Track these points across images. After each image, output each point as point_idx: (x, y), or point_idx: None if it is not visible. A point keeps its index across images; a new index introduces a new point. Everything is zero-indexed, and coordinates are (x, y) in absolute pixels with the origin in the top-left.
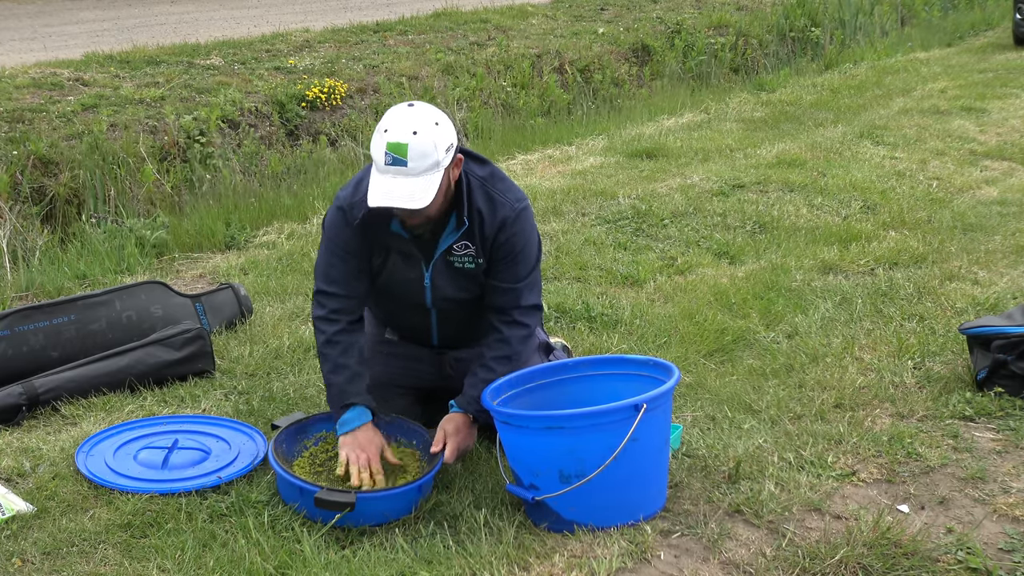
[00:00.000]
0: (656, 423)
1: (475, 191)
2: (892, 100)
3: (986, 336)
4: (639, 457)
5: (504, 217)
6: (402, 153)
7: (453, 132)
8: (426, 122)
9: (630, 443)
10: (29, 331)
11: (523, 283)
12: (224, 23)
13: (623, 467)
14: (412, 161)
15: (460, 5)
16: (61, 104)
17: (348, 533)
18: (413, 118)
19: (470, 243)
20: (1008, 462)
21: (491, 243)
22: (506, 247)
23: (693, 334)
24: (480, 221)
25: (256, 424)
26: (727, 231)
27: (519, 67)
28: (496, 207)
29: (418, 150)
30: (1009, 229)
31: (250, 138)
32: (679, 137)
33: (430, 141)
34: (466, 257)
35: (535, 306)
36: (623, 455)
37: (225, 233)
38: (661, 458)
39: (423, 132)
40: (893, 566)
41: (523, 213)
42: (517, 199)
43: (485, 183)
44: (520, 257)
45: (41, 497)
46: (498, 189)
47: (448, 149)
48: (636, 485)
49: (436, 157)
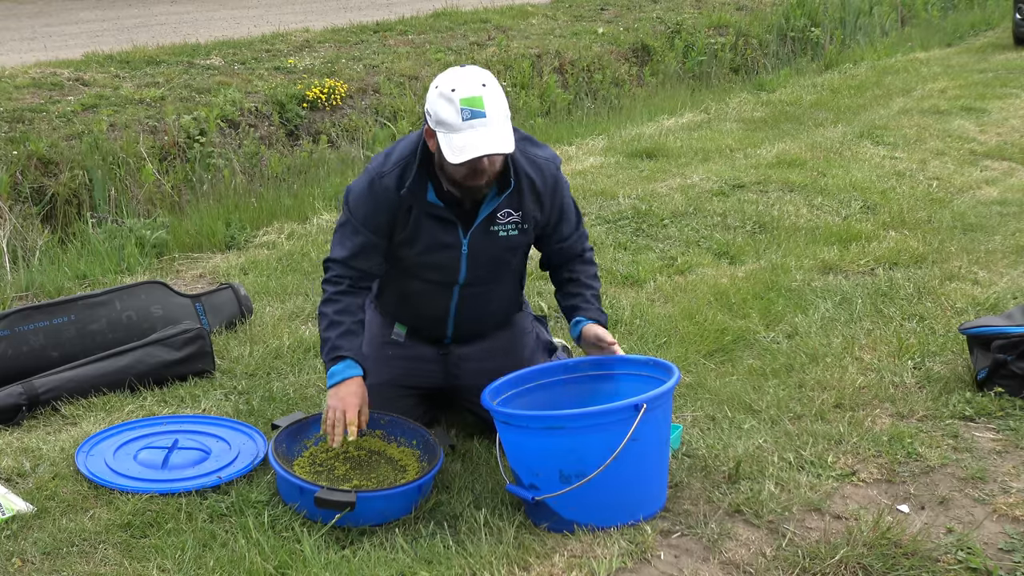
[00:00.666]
0: (656, 422)
1: (519, 160)
2: (892, 100)
3: (986, 336)
4: (639, 457)
5: (553, 176)
6: (479, 105)
7: None
8: (489, 77)
9: (630, 443)
10: (29, 331)
11: (580, 231)
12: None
13: (623, 467)
14: (490, 111)
15: (460, 5)
16: (61, 104)
17: (348, 533)
18: (476, 74)
19: (512, 209)
20: (1008, 462)
21: (548, 206)
22: (559, 204)
23: (693, 334)
24: (531, 186)
25: (256, 424)
26: (727, 231)
27: (519, 67)
28: (543, 170)
29: (492, 100)
30: (1009, 229)
31: (250, 138)
32: (679, 137)
33: (498, 91)
34: (510, 224)
35: (592, 249)
36: (623, 455)
37: (225, 233)
38: (661, 458)
39: (491, 84)
40: (893, 566)
41: (560, 168)
42: (552, 155)
43: (524, 149)
44: (568, 209)
45: (41, 497)
46: (534, 153)
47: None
48: (636, 485)
49: (506, 106)
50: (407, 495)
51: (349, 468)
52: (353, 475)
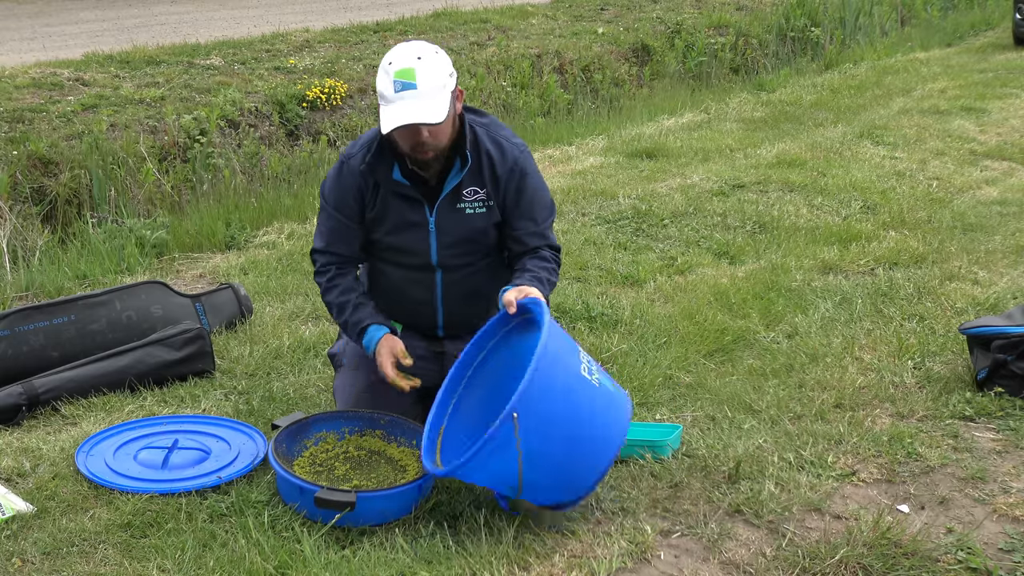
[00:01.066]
0: (546, 400)
1: (481, 136)
2: (892, 100)
3: (986, 336)
4: (552, 436)
5: (515, 158)
6: (410, 77)
7: (451, 64)
8: (428, 49)
9: (528, 437)
10: (29, 331)
11: (545, 224)
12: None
13: (544, 452)
14: (421, 82)
15: (460, 5)
16: (61, 104)
17: (348, 533)
18: (415, 47)
19: (478, 187)
20: (1008, 462)
21: (504, 186)
22: (520, 189)
23: (693, 334)
24: (490, 164)
25: (256, 424)
26: (727, 231)
27: (519, 67)
28: (504, 151)
29: (425, 71)
30: (1009, 229)
31: (250, 138)
32: (679, 137)
33: (433, 65)
34: (476, 202)
35: (559, 248)
36: (534, 446)
37: (225, 233)
38: (577, 414)
39: (427, 56)
40: (893, 566)
41: (529, 154)
42: (520, 142)
43: (489, 129)
44: (536, 197)
45: (41, 497)
46: (503, 135)
47: (451, 75)
48: (567, 461)
49: (443, 79)
50: (407, 495)
51: (349, 468)
52: (353, 475)
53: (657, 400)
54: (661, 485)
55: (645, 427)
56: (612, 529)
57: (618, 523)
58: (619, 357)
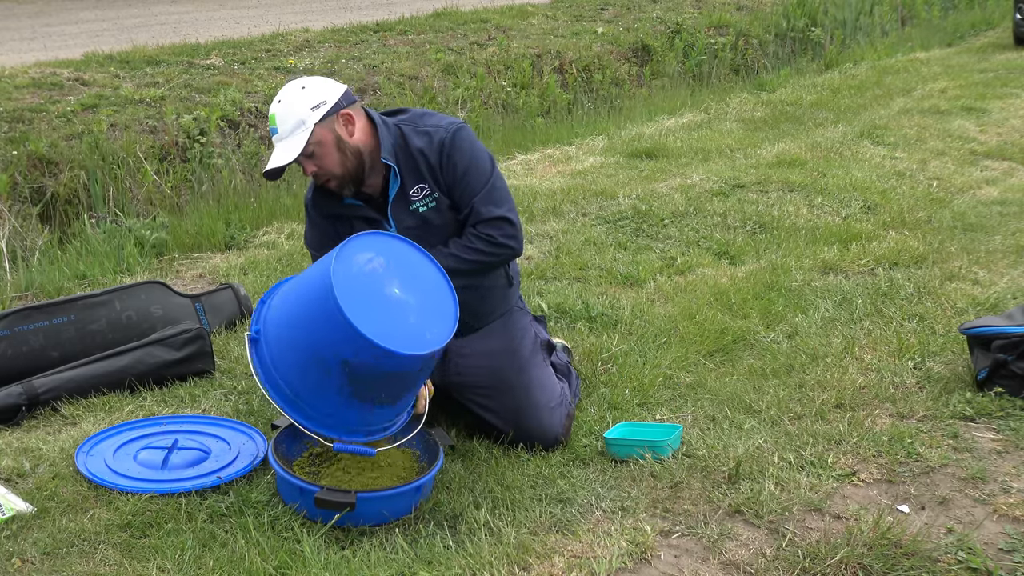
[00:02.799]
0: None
1: (408, 134)
2: (892, 100)
3: (986, 336)
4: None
5: (440, 140)
6: (273, 122)
7: (328, 92)
8: (291, 89)
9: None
10: (29, 331)
11: (479, 196)
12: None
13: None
14: (280, 126)
15: (460, 5)
16: (61, 104)
17: (348, 533)
18: (283, 90)
19: (423, 183)
20: (1008, 462)
21: (439, 171)
22: (451, 169)
23: (693, 334)
24: (423, 156)
25: (256, 424)
26: (727, 231)
27: (519, 67)
28: (431, 137)
29: (281, 115)
30: (1009, 229)
31: (250, 138)
32: (679, 137)
33: (290, 105)
34: (425, 198)
35: (500, 217)
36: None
37: (225, 233)
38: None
39: (286, 99)
40: (893, 566)
41: (459, 132)
42: (449, 123)
43: (414, 122)
44: (469, 173)
45: (41, 497)
46: (427, 123)
47: (316, 107)
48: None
49: (300, 116)
50: (407, 495)
51: (348, 468)
52: (352, 475)
53: (657, 400)
54: (661, 485)
55: (645, 427)
56: (612, 529)
57: (618, 523)
58: (619, 357)
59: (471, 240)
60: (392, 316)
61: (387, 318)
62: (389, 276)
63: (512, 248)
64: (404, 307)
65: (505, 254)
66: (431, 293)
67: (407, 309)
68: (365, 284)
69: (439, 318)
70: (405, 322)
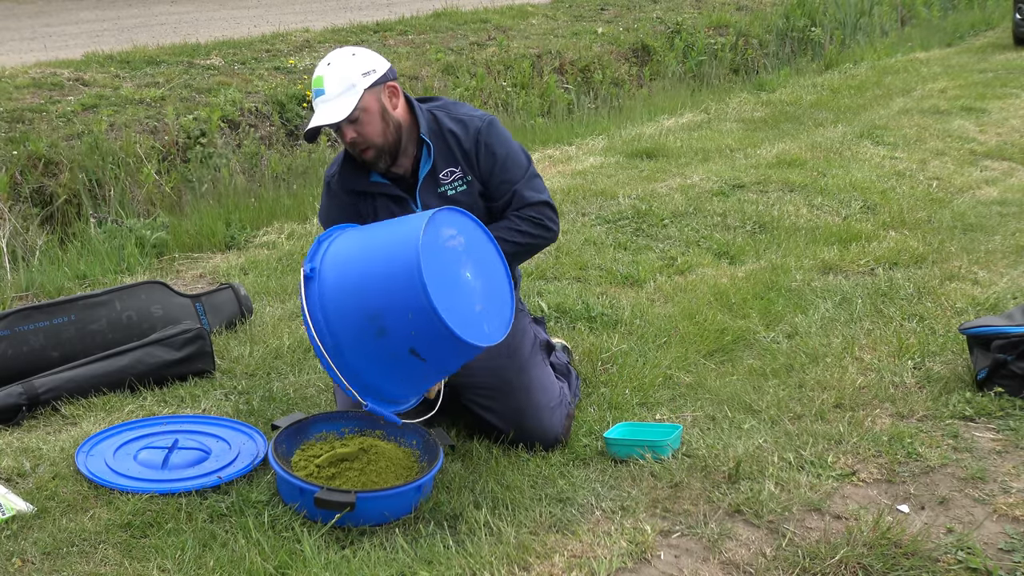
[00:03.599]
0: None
1: (442, 119)
2: (892, 100)
3: (986, 336)
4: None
5: (477, 128)
6: (319, 84)
7: (378, 62)
8: (342, 55)
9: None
10: (29, 331)
11: (520, 183)
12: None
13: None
14: (328, 87)
15: (460, 5)
16: (61, 104)
17: (348, 533)
18: (332, 55)
19: (454, 167)
20: (1008, 462)
21: (475, 158)
22: (489, 156)
23: (693, 334)
24: (456, 141)
25: (256, 424)
26: (727, 231)
27: (519, 67)
28: (466, 124)
29: (332, 77)
30: (1009, 229)
31: (250, 138)
32: (679, 137)
33: (342, 68)
34: (456, 181)
35: (543, 201)
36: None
37: (225, 233)
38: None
39: (336, 63)
40: (893, 566)
41: (493, 123)
42: (483, 114)
43: (447, 109)
44: (508, 162)
45: (41, 497)
46: (463, 112)
47: (367, 74)
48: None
49: (351, 80)
50: (406, 495)
51: (348, 468)
52: (352, 475)
53: (657, 400)
54: (661, 485)
55: (645, 427)
56: (612, 529)
57: (618, 523)
58: (619, 357)
59: (517, 223)
60: (463, 300)
61: (458, 301)
62: (466, 257)
63: (554, 232)
64: (472, 293)
65: (548, 237)
66: (494, 283)
67: (474, 296)
68: (445, 261)
69: (497, 311)
70: (471, 309)
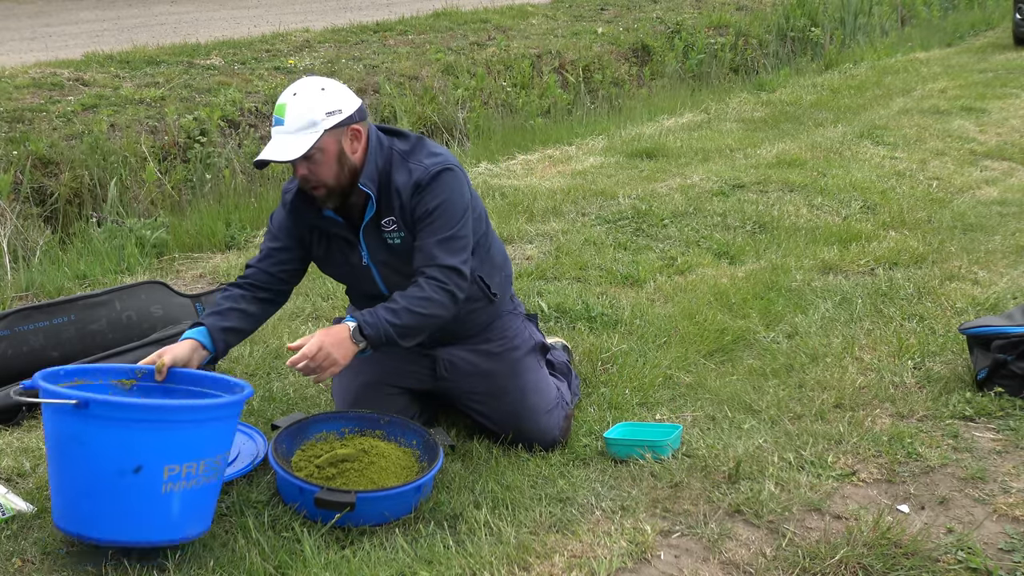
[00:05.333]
0: (109, 436)
1: (396, 165)
2: (892, 100)
3: (986, 336)
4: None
5: (417, 179)
6: (281, 113)
7: (345, 101)
8: (310, 87)
9: (69, 441)
10: (29, 331)
11: (435, 238)
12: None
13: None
14: (288, 120)
15: (460, 5)
16: (61, 104)
17: (348, 533)
18: (300, 83)
19: (394, 217)
20: (1008, 462)
21: (409, 211)
22: (420, 208)
23: (693, 334)
24: (397, 191)
25: (256, 424)
26: (727, 231)
27: (519, 67)
28: (411, 174)
29: (295, 110)
30: (1009, 229)
31: (250, 138)
32: (679, 137)
33: (307, 102)
34: (394, 233)
35: (452, 267)
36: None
37: (225, 233)
38: (117, 481)
39: (303, 94)
40: (893, 566)
41: (441, 175)
42: (435, 163)
43: (407, 156)
44: (438, 213)
45: (41, 497)
46: (417, 158)
47: (331, 113)
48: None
49: (313, 117)
50: (406, 496)
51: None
52: (351, 475)
53: (657, 400)
54: (661, 485)
55: (645, 427)
56: (612, 529)
57: (618, 523)
58: (619, 357)
59: (424, 289)
60: None
61: None
62: None
63: (457, 300)
64: None
65: (450, 307)
66: None
67: None
68: None
69: None
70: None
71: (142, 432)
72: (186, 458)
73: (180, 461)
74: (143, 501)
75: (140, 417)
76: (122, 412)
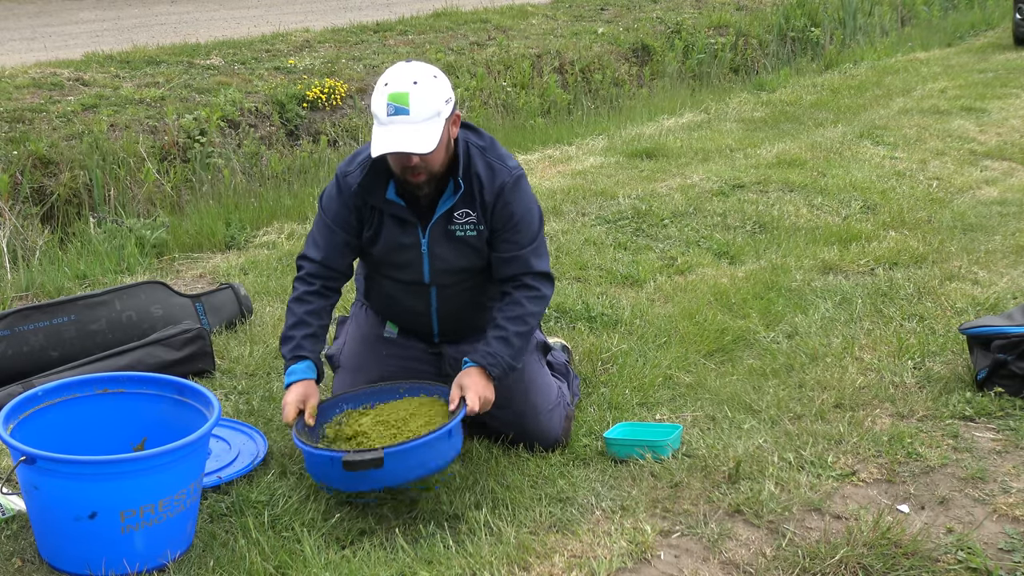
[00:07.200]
0: (60, 488)
1: (475, 158)
2: (892, 100)
3: (986, 336)
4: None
5: (502, 183)
6: (404, 102)
7: (450, 88)
8: (425, 74)
9: (27, 486)
10: (29, 331)
11: (528, 249)
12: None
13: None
14: (414, 109)
15: (460, 5)
16: (61, 104)
17: (348, 533)
18: (412, 70)
19: (471, 210)
20: (1008, 462)
21: (491, 210)
22: (505, 213)
23: (693, 334)
24: (480, 187)
25: (256, 424)
26: (727, 231)
27: (519, 67)
28: (495, 173)
29: (419, 98)
30: (1009, 229)
31: (250, 138)
32: (679, 137)
33: (430, 90)
34: (467, 225)
35: (545, 273)
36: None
37: (225, 233)
38: (72, 527)
39: (423, 82)
40: (893, 566)
41: (521, 180)
42: (515, 166)
43: (485, 152)
44: (521, 224)
45: None
46: (497, 156)
47: (447, 101)
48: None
49: (437, 106)
50: (436, 444)
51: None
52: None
53: (657, 400)
54: (661, 485)
55: (645, 427)
56: (612, 529)
57: (618, 523)
58: (619, 357)
59: (524, 305)
60: None
61: None
62: None
63: (548, 302)
64: None
65: (542, 312)
66: None
67: None
68: None
69: None
70: None
71: (93, 483)
72: (142, 501)
73: (136, 505)
74: (103, 542)
75: (90, 472)
76: (70, 468)
